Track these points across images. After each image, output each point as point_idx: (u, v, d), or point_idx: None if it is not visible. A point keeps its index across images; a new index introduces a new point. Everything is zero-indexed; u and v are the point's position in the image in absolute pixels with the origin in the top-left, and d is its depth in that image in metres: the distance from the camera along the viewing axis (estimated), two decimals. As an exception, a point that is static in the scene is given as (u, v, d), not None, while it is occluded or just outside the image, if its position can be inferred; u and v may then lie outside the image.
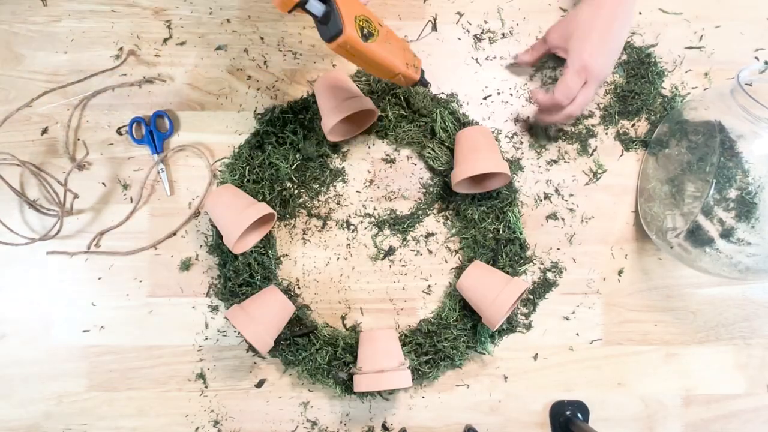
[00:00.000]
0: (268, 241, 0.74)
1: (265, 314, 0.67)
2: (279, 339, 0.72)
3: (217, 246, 0.74)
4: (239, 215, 0.65)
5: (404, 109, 0.74)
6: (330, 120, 0.68)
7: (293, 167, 0.74)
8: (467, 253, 0.75)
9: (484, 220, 0.74)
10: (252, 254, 0.73)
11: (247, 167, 0.73)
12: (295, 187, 0.76)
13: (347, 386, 0.73)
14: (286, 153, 0.74)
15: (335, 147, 0.76)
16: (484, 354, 0.75)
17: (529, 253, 0.76)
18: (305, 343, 0.73)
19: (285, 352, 0.73)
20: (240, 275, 0.72)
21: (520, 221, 0.75)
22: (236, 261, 0.73)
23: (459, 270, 0.76)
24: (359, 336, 0.72)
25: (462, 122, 0.75)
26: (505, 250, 0.74)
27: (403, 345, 0.73)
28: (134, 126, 0.75)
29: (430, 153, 0.74)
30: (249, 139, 0.75)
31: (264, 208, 0.67)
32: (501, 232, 0.73)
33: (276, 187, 0.74)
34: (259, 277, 0.73)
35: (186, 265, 0.75)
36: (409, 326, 0.76)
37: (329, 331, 0.74)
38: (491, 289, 0.68)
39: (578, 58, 0.67)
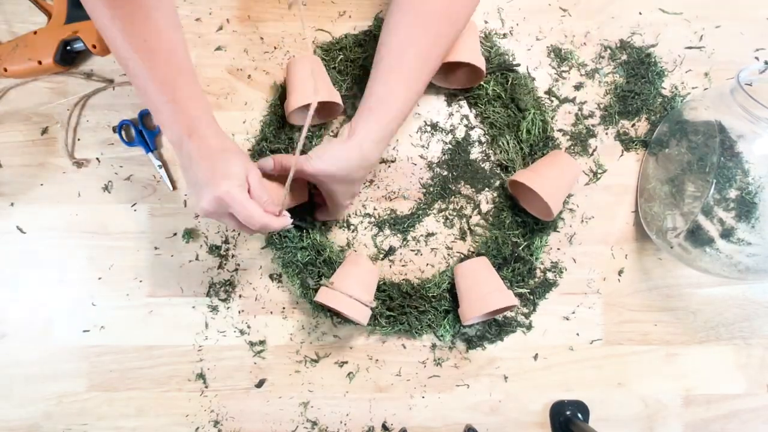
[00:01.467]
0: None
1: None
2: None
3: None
4: (308, 91, 0.66)
5: (505, 92, 0.74)
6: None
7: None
8: (478, 248, 0.75)
9: (513, 229, 0.74)
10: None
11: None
12: None
13: (307, 294, 0.73)
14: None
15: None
16: (439, 339, 0.75)
17: (531, 282, 0.76)
18: (296, 235, 0.73)
19: (274, 234, 0.73)
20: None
21: (540, 250, 0.74)
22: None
23: (463, 258, 0.76)
24: (346, 255, 0.73)
25: (547, 134, 0.74)
26: (515, 265, 0.74)
27: (377, 290, 0.73)
28: (123, 129, 0.75)
29: (503, 144, 0.74)
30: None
31: (335, 96, 0.68)
32: (520, 248, 0.73)
33: None
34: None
35: (188, 234, 0.76)
36: (393, 277, 0.76)
37: (322, 240, 0.74)
38: (484, 287, 0.68)
39: (339, 206, 0.69)
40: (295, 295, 0.74)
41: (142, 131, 0.75)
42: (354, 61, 0.74)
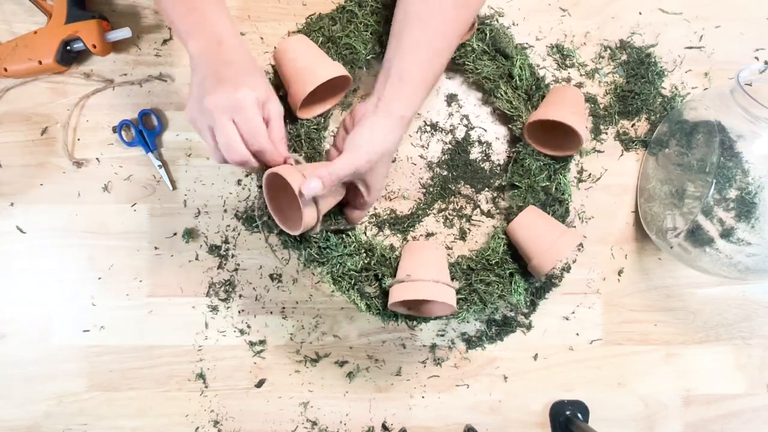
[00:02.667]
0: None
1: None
2: (307, 234, 0.64)
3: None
4: (314, 71, 0.61)
5: (488, 47, 0.73)
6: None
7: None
8: (517, 201, 0.73)
9: (539, 174, 0.72)
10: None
11: None
12: None
13: (371, 304, 0.67)
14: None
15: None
16: (513, 305, 0.73)
17: (569, 219, 0.73)
18: (336, 243, 0.66)
19: (311, 248, 0.65)
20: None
21: (569, 186, 0.72)
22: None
23: (506, 217, 0.74)
24: (404, 247, 0.68)
25: (536, 76, 0.73)
26: (551, 208, 0.71)
27: None
28: (123, 129, 0.75)
29: (502, 94, 0.73)
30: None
31: (340, 69, 0.62)
32: (554, 191, 0.71)
33: None
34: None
35: (188, 234, 0.75)
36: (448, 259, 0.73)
37: (368, 240, 0.69)
38: (548, 235, 0.66)
39: (379, 193, 0.66)
40: (359, 309, 0.68)
41: (142, 131, 0.74)
42: (334, 40, 0.70)
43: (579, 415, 0.76)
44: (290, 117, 0.68)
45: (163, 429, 0.76)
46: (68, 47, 0.72)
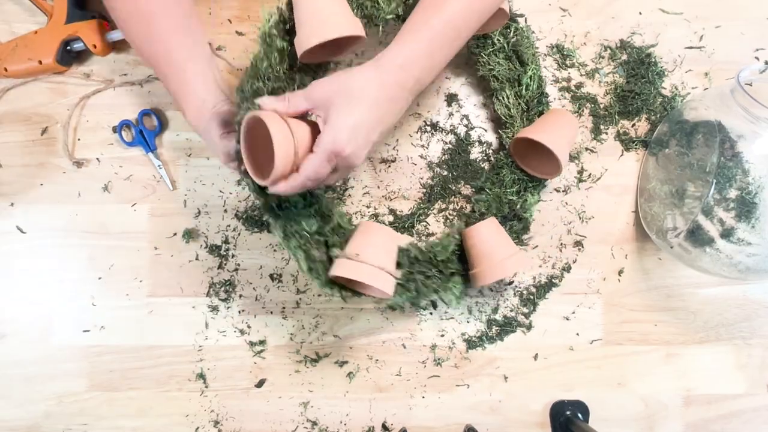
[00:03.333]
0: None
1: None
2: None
3: None
4: (327, 23, 0.56)
5: (507, 45, 0.72)
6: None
7: None
8: (480, 207, 0.73)
9: (510, 187, 0.72)
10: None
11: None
12: None
13: (314, 268, 0.63)
14: None
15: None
16: (445, 303, 0.75)
17: (525, 237, 0.74)
18: (297, 200, 0.63)
19: (272, 199, 0.61)
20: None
21: (533, 207, 0.73)
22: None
23: (468, 220, 0.74)
24: (359, 224, 0.66)
25: (542, 90, 0.72)
26: (511, 223, 0.72)
27: None
28: (123, 129, 0.75)
29: (503, 98, 0.73)
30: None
31: (355, 27, 0.57)
32: (517, 207, 0.72)
33: None
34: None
35: (188, 234, 0.75)
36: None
37: (329, 205, 0.67)
38: (499, 251, 0.66)
39: (333, 141, 0.52)
40: (301, 270, 0.64)
41: (142, 131, 0.74)
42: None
43: (579, 415, 0.76)
44: (291, 59, 0.61)
45: (163, 429, 0.76)
46: (68, 47, 0.72)
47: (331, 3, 0.57)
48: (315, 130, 0.54)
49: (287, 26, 0.61)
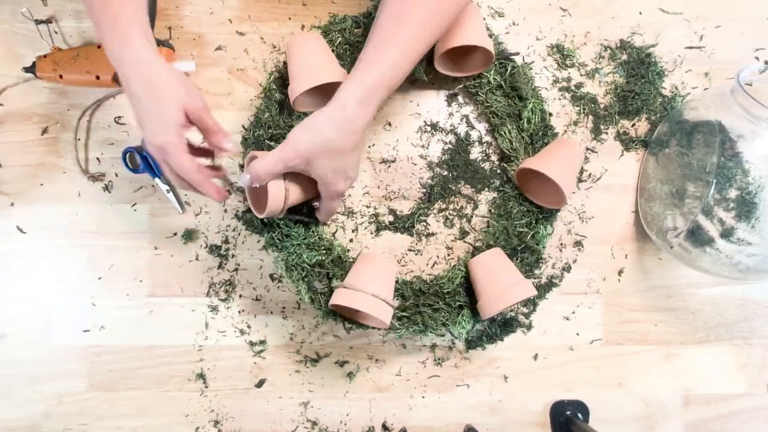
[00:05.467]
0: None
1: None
2: (273, 221, 0.69)
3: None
4: (315, 71, 0.63)
5: (504, 83, 0.73)
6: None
7: None
8: (487, 239, 0.73)
9: (519, 219, 0.73)
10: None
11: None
12: None
13: (315, 299, 0.69)
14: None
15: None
16: (454, 336, 0.75)
17: (537, 271, 0.75)
18: (298, 233, 0.68)
19: (274, 232, 0.68)
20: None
21: (546, 239, 0.73)
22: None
23: (474, 252, 0.75)
24: (359, 255, 0.69)
25: (546, 123, 0.73)
26: (522, 255, 0.72)
27: None
28: (128, 156, 0.74)
29: (505, 133, 0.73)
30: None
31: (340, 75, 0.64)
32: (528, 238, 0.72)
33: None
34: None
35: (188, 234, 0.75)
36: (402, 277, 0.75)
37: (330, 238, 0.70)
38: (503, 280, 0.67)
39: (330, 190, 0.63)
40: (304, 301, 0.70)
41: (147, 157, 0.73)
42: (354, 45, 0.71)
43: (579, 415, 0.76)
44: (288, 108, 0.71)
45: (163, 429, 0.76)
46: None
47: (318, 57, 0.65)
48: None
49: (285, 82, 0.69)
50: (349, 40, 0.71)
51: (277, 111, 0.70)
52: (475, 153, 0.77)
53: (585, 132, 0.77)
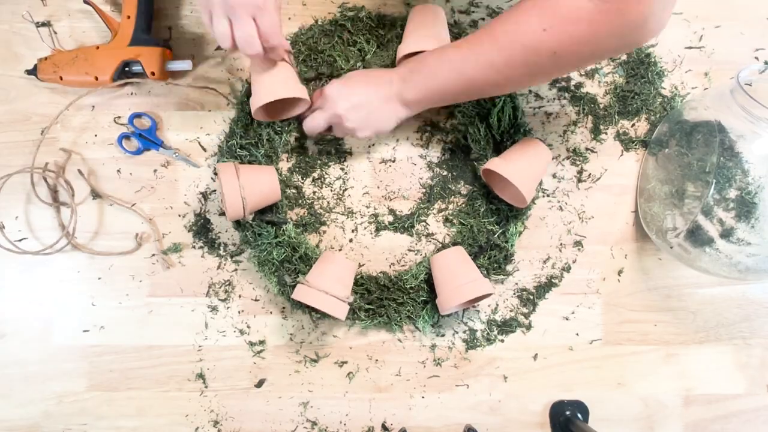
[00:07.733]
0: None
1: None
2: (247, 223, 0.73)
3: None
4: (275, 86, 0.66)
5: None
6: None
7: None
8: (455, 237, 0.75)
9: (488, 217, 0.74)
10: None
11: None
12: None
13: (284, 291, 0.73)
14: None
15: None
16: (418, 330, 0.76)
17: (509, 268, 0.76)
18: (269, 232, 0.72)
19: (247, 231, 0.73)
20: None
21: (516, 237, 0.74)
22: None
23: (440, 248, 0.76)
24: (321, 253, 0.73)
25: (517, 121, 0.73)
26: (490, 253, 0.74)
27: (355, 284, 0.73)
28: (123, 141, 0.75)
29: (474, 133, 0.73)
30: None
31: (301, 92, 0.68)
32: (495, 235, 0.73)
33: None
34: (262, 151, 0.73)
35: (176, 248, 0.75)
36: (368, 272, 0.76)
37: (297, 236, 0.74)
38: (460, 277, 0.69)
39: (347, 127, 0.69)
40: (273, 292, 0.74)
41: (141, 134, 0.74)
42: (321, 53, 0.74)
43: (579, 416, 0.76)
44: (250, 118, 0.73)
45: (163, 429, 0.76)
46: (126, 68, 0.72)
47: (278, 73, 0.66)
48: (264, 177, 0.69)
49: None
50: (314, 49, 0.74)
51: (249, 121, 0.73)
52: (475, 153, 0.77)
53: (584, 132, 0.77)
